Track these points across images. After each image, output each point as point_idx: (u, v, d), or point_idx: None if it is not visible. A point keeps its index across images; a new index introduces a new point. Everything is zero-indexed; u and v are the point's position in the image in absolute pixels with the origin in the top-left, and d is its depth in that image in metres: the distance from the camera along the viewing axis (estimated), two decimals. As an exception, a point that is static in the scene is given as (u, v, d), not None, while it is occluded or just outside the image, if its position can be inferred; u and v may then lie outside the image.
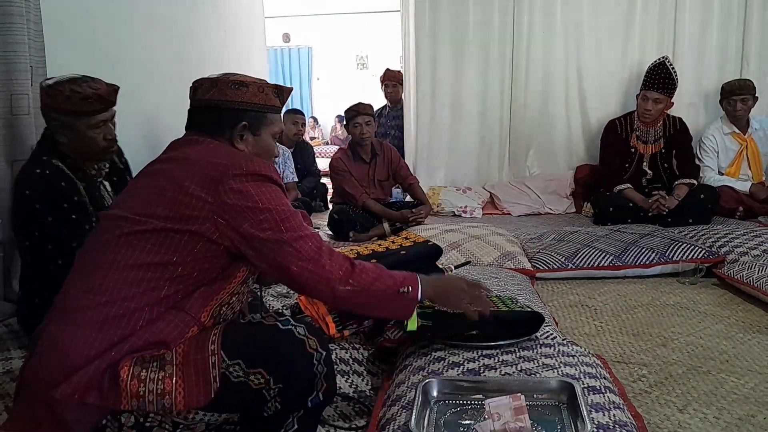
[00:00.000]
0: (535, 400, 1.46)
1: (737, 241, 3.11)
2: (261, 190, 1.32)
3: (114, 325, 1.24)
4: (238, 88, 1.44)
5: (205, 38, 4.60)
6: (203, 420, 1.28)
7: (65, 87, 1.94)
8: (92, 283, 1.28)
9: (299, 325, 1.33)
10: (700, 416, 1.67)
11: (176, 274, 1.28)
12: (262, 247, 1.30)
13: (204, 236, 1.29)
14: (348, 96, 6.74)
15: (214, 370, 1.22)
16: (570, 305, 2.63)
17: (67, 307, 1.29)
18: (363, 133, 3.95)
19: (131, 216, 1.32)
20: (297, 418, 1.34)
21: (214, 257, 1.32)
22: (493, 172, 4.84)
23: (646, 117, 3.94)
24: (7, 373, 1.86)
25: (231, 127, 1.43)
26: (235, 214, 1.29)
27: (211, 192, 1.29)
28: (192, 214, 1.28)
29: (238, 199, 1.29)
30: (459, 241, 3.09)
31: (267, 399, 1.28)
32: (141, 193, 1.37)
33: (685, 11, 4.45)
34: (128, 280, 1.26)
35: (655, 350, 2.13)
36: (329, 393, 1.37)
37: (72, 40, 2.95)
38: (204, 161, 1.34)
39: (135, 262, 1.27)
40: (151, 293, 1.27)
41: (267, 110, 1.49)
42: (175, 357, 1.25)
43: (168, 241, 1.28)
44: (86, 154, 2.04)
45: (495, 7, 4.60)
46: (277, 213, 1.32)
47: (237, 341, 1.27)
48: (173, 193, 1.30)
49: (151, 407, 1.21)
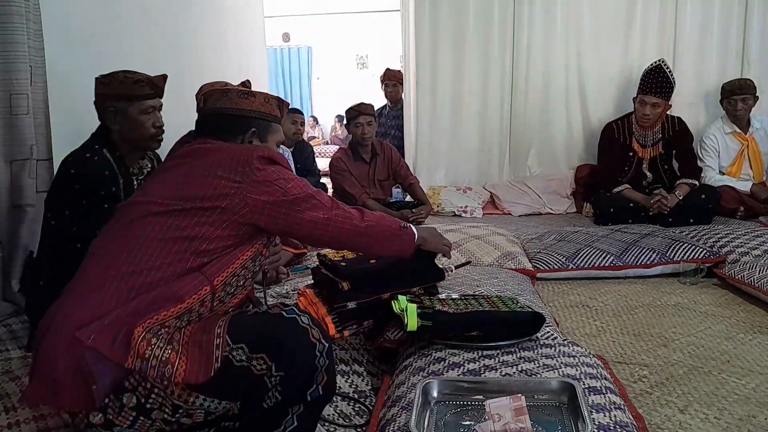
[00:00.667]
0: (535, 400, 1.45)
1: (738, 241, 3.10)
2: (281, 169, 1.49)
3: (133, 279, 1.31)
4: (246, 98, 1.58)
5: (205, 38, 4.60)
6: (203, 405, 1.29)
7: (119, 74, 2.10)
8: (118, 257, 1.34)
9: (303, 314, 1.36)
10: (701, 417, 1.66)
11: (202, 248, 1.38)
12: (292, 205, 1.46)
13: (233, 212, 1.40)
14: (348, 96, 6.74)
15: (218, 351, 1.26)
16: (571, 305, 2.62)
17: (89, 280, 1.34)
18: (364, 133, 3.94)
19: (157, 200, 1.41)
20: (296, 414, 1.34)
21: (237, 234, 1.42)
22: (494, 171, 4.84)
23: (645, 121, 3.93)
24: (6, 373, 1.86)
25: (242, 133, 1.56)
26: (265, 187, 1.43)
27: (239, 173, 1.41)
28: (222, 193, 1.40)
29: (265, 175, 1.44)
30: (459, 241, 3.08)
31: (268, 387, 1.29)
32: (163, 184, 1.47)
33: (685, 11, 4.44)
34: (156, 251, 1.34)
35: (656, 350, 2.12)
36: (329, 387, 1.38)
37: (72, 40, 2.94)
38: (226, 151, 1.47)
39: (163, 235, 1.36)
40: (178, 264, 1.35)
41: (272, 119, 1.62)
42: (182, 337, 1.30)
43: (197, 218, 1.38)
44: (136, 141, 2.14)
45: (495, 7, 4.59)
46: (299, 180, 1.51)
47: (242, 327, 1.32)
48: (201, 178, 1.42)
49: (152, 372, 1.24)
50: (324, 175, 5.32)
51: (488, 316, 1.82)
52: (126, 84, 2.08)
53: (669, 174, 3.99)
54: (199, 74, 2.69)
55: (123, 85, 2.08)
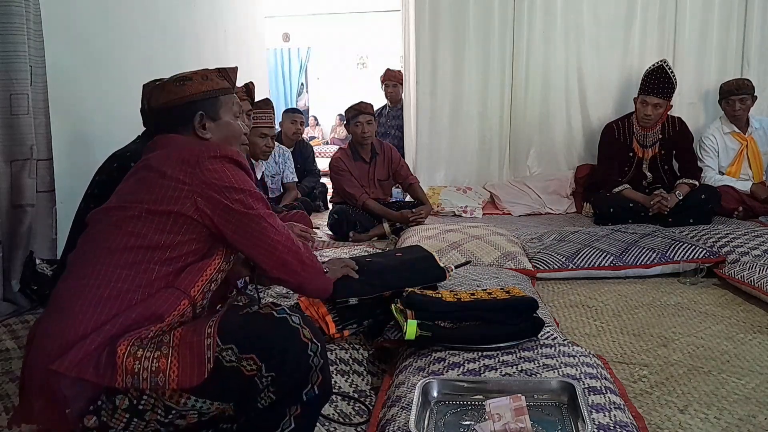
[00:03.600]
0: (535, 400, 1.45)
1: (738, 241, 3.10)
2: (234, 172, 1.42)
3: (107, 305, 1.28)
4: (182, 84, 1.51)
5: (205, 38, 4.60)
6: (195, 407, 1.28)
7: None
8: (84, 272, 1.33)
9: (294, 314, 1.34)
10: (701, 417, 1.66)
11: (165, 257, 1.34)
12: (240, 221, 1.40)
13: (185, 216, 1.36)
14: (348, 96, 6.74)
15: (209, 352, 1.24)
16: (570, 305, 2.62)
17: (61, 297, 1.33)
18: (364, 132, 3.94)
19: (117, 205, 1.40)
20: (294, 416, 1.33)
21: (200, 238, 1.39)
22: (494, 171, 4.84)
23: (646, 122, 3.93)
24: (6, 373, 1.86)
25: (190, 120, 1.50)
26: (213, 192, 1.37)
27: (188, 173, 1.37)
28: (172, 195, 1.36)
29: (214, 178, 1.38)
30: (459, 241, 3.08)
31: (259, 388, 1.27)
32: (125, 188, 1.46)
33: (685, 11, 4.44)
34: (120, 263, 1.32)
35: (656, 350, 2.12)
36: (325, 387, 1.36)
37: (72, 40, 2.95)
38: (178, 149, 1.43)
39: (125, 245, 1.33)
40: (143, 275, 1.32)
41: (218, 94, 1.55)
42: (171, 339, 1.28)
43: (155, 225, 1.35)
44: None
45: (495, 7, 4.59)
46: (250, 194, 1.42)
47: (232, 327, 1.29)
48: (153, 178, 1.38)
49: (145, 384, 1.23)
50: (324, 175, 5.33)
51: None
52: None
53: (669, 174, 3.99)
54: (199, 74, 2.69)
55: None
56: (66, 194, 2.65)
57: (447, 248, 2.99)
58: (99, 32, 3.15)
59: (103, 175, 2.11)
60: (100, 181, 2.11)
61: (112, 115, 3.05)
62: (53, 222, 2.65)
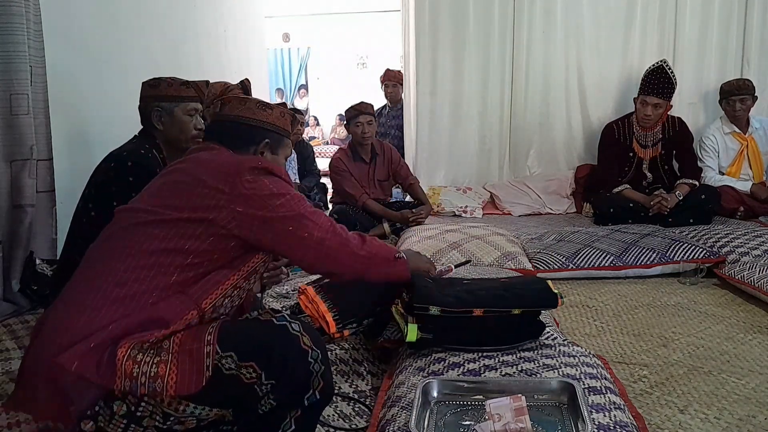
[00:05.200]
0: (535, 400, 1.45)
1: (738, 241, 3.10)
2: (273, 180, 1.43)
3: (120, 305, 1.28)
4: (264, 109, 1.59)
5: (205, 38, 4.60)
6: (194, 413, 1.28)
7: (166, 78, 2.22)
8: (104, 268, 1.33)
9: (294, 321, 1.33)
10: (701, 417, 1.66)
11: (187, 262, 1.34)
12: (282, 225, 1.40)
13: (219, 225, 1.36)
14: (348, 96, 6.73)
15: (208, 359, 1.24)
16: (571, 305, 2.62)
17: (76, 290, 1.33)
18: (365, 133, 3.94)
19: (148, 208, 1.40)
20: (294, 418, 1.33)
21: (225, 249, 1.38)
22: (494, 171, 4.83)
23: (646, 122, 3.93)
24: (6, 373, 1.86)
25: (256, 143, 1.56)
26: (252, 202, 1.38)
27: (227, 183, 1.38)
28: (209, 204, 1.36)
29: (253, 189, 1.39)
30: (459, 241, 3.08)
31: (259, 395, 1.27)
32: (157, 190, 1.46)
33: (685, 11, 4.44)
34: (140, 263, 1.32)
35: (656, 351, 2.12)
36: (326, 392, 1.36)
37: (72, 40, 2.94)
38: (219, 160, 1.45)
39: (149, 247, 1.33)
40: (161, 278, 1.32)
41: (284, 134, 1.63)
42: (171, 345, 1.27)
43: (183, 230, 1.35)
44: (178, 142, 2.21)
45: (495, 7, 4.59)
46: (290, 197, 1.44)
47: (232, 335, 1.29)
48: (190, 186, 1.39)
49: (143, 389, 1.22)
50: (324, 175, 5.33)
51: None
52: (174, 86, 2.19)
53: (669, 174, 3.99)
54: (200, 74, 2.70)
55: (171, 87, 2.19)
56: (66, 194, 2.65)
57: (447, 248, 2.99)
58: (99, 32, 3.15)
59: (100, 175, 2.11)
60: (97, 182, 2.10)
61: (112, 115, 3.05)
62: (53, 222, 2.65)
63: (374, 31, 10.85)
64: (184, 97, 2.19)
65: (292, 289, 2.67)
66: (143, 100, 2.20)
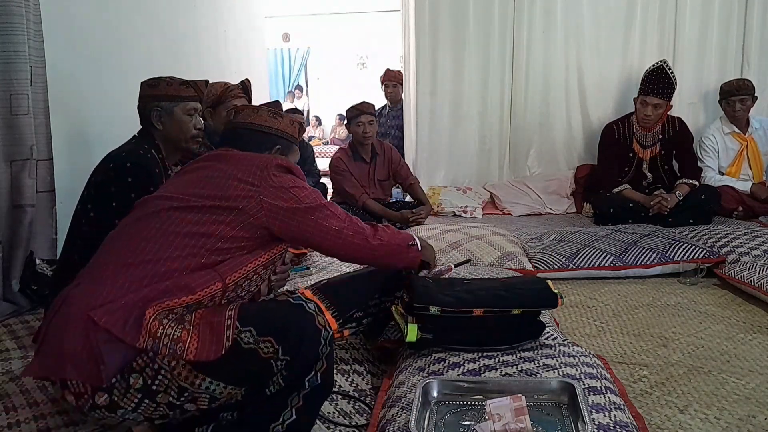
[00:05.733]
0: (535, 400, 1.45)
1: (738, 241, 3.10)
2: (294, 178, 1.58)
3: (150, 270, 1.35)
4: (275, 117, 1.72)
5: (205, 38, 4.60)
6: (208, 389, 1.30)
7: (165, 77, 2.21)
8: (135, 246, 1.39)
9: (309, 301, 1.40)
10: (701, 417, 1.66)
11: (216, 246, 1.42)
12: (305, 214, 1.53)
13: (248, 214, 1.46)
14: (348, 96, 6.74)
15: (228, 331, 1.30)
16: (571, 305, 2.62)
17: (103, 267, 1.39)
18: (366, 132, 3.93)
19: (179, 196, 1.48)
20: (295, 407, 1.37)
21: (251, 237, 1.48)
22: (494, 172, 4.83)
23: (646, 122, 3.92)
24: (6, 373, 1.86)
25: (269, 149, 1.68)
26: (280, 193, 1.51)
27: (257, 177, 1.50)
28: (239, 194, 1.47)
29: (280, 182, 1.52)
30: (459, 241, 3.08)
31: (274, 371, 1.31)
32: (186, 182, 1.54)
33: (685, 11, 4.44)
34: (174, 244, 1.39)
35: (656, 351, 2.12)
36: (327, 375, 1.41)
37: (72, 40, 2.95)
38: (247, 158, 1.56)
39: (182, 230, 1.42)
40: (192, 259, 1.39)
41: (293, 141, 1.75)
42: (193, 318, 1.33)
43: (214, 216, 1.44)
44: (178, 141, 2.21)
45: (495, 7, 4.59)
46: (313, 191, 1.59)
47: (251, 312, 1.36)
48: (222, 180, 1.49)
49: (164, 350, 1.26)
50: (324, 175, 5.33)
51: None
52: (173, 85, 2.18)
53: (669, 174, 3.99)
54: (200, 74, 2.69)
55: (170, 86, 2.18)
56: (66, 194, 2.65)
57: (447, 248, 2.99)
58: (99, 32, 3.15)
59: (99, 176, 2.10)
60: (96, 183, 2.10)
61: (112, 115, 3.05)
62: (53, 222, 2.65)
63: (374, 31, 10.85)
64: (183, 97, 2.18)
65: (292, 289, 2.67)
66: (142, 100, 2.20)
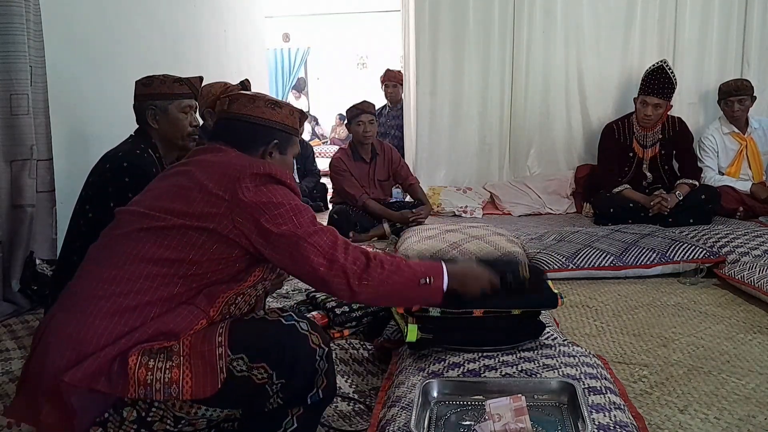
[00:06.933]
0: (535, 400, 1.45)
1: (738, 242, 3.10)
2: (274, 188, 1.36)
3: (126, 316, 1.25)
4: (273, 108, 1.50)
5: (205, 38, 4.60)
6: (205, 415, 1.28)
7: (158, 76, 2.19)
8: (106, 274, 1.30)
9: (302, 320, 1.34)
10: (701, 417, 1.66)
11: (190, 272, 1.31)
12: (278, 242, 1.32)
13: (221, 235, 1.31)
14: (348, 96, 6.73)
15: (221, 361, 1.24)
16: (571, 305, 2.62)
17: (78, 296, 1.31)
18: (366, 132, 3.93)
19: (150, 212, 1.35)
20: (297, 416, 1.35)
21: (229, 259, 1.34)
22: (494, 172, 4.84)
23: (646, 122, 3.93)
24: (6, 374, 1.86)
25: (265, 144, 1.49)
26: (251, 210, 1.31)
27: (228, 190, 1.32)
28: (210, 212, 1.31)
29: (253, 196, 1.32)
30: (459, 241, 3.08)
31: (269, 394, 1.28)
32: (160, 192, 1.41)
33: (685, 11, 4.45)
34: (143, 273, 1.29)
35: (656, 351, 2.12)
36: (329, 390, 1.38)
37: (72, 40, 2.95)
38: (224, 163, 1.38)
39: (152, 256, 1.30)
40: (164, 289, 1.29)
41: (293, 133, 1.56)
42: (182, 348, 1.26)
43: (186, 239, 1.31)
44: (174, 140, 2.19)
45: (495, 7, 4.59)
46: (290, 208, 1.34)
47: (241, 336, 1.28)
48: (192, 191, 1.34)
49: (158, 396, 1.22)
50: (324, 175, 5.33)
51: None
52: (167, 83, 2.17)
53: (669, 174, 3.99)
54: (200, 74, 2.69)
55: (164, 84, 2.16)
56: (66, 194, 2.66)
57: (447, 248, 2.99)
58: (99, 32, 3.15)
59: (96, 176, 2.10)
60: (93, 183, 2.10)
61: (112, 115, 3.05)
62: (53, 222, 2.65)
63: (374, 31, 10.84)
64: (177, 95, 2.16)
65: (292, 290, 2.68)
66: (137, 99, 2.19)
